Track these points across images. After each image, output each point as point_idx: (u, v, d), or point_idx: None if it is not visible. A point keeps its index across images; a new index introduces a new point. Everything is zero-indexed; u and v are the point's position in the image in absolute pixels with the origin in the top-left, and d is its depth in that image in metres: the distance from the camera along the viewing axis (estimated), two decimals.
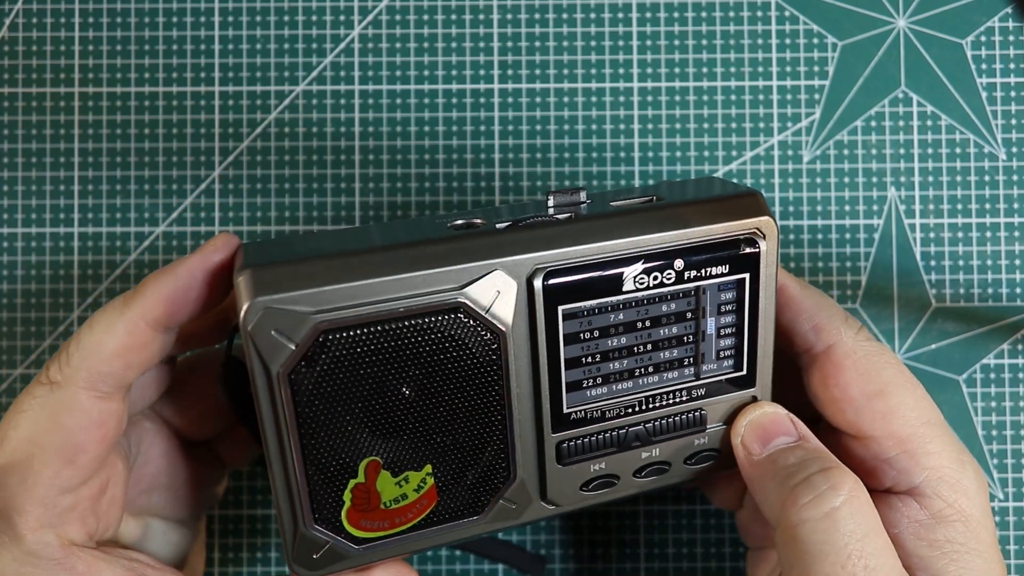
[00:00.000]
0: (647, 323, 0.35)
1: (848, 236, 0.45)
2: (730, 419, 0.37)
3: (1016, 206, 0.44)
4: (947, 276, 0.45)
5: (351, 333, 0.30)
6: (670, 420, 0.36)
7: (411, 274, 0.31)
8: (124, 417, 0.34)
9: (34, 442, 0.32)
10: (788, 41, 0.45)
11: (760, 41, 0.45)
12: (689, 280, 0.34)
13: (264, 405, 0.31)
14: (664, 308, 0.35)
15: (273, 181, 0.45)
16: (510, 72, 0.45)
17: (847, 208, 0.45)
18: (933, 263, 0.45)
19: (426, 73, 0.45)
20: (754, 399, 0.37)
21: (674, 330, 0.35)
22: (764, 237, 0.35)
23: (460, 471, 0.34)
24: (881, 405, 0.35)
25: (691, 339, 0.35)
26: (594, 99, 0.45)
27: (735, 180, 0.45)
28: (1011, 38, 0.45)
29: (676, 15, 0.45)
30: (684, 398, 0.36)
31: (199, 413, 0.38)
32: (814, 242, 0.45)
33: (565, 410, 0.35)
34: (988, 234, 0.44)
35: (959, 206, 0.45)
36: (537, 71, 0.45)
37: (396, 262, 0.31)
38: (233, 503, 0.45)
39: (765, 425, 0.36)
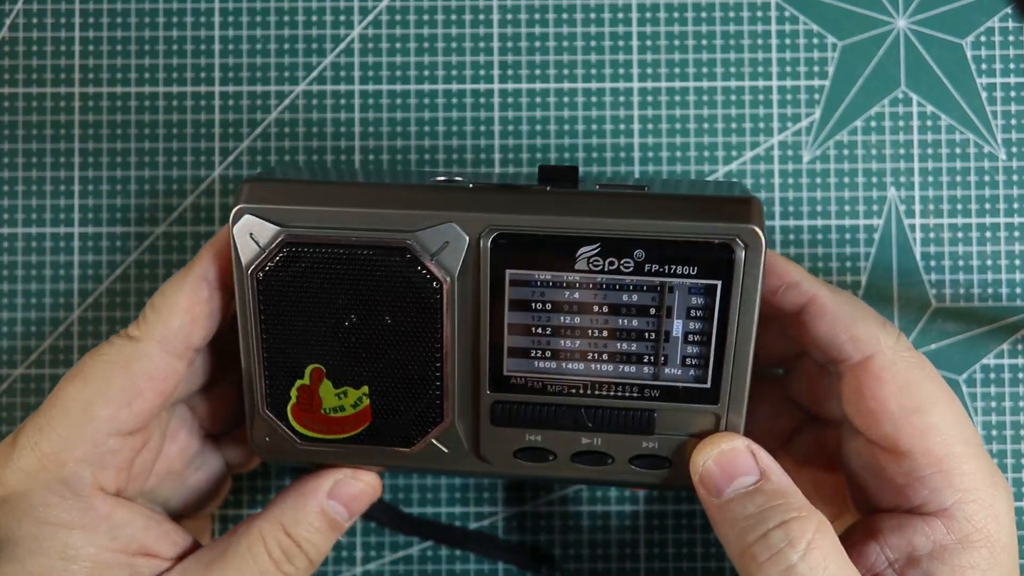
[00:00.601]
0: (604, 308, 0.35)
1: (848, 236, 0.45)
2: (688, 447, 0.36)
3: (1016, 206, 0.44)
4: (947, 276, 0.45)
5: (309, 249, 0.34)
6: (616, 413, 0.36)
7: (371, 210, 0.34)
8: (181, 383, 0.37)
9: (104, 380, 0.35)
10: (788, 41, 0.45)
11: (760, 41, 0.45)
12: (651, 273, 0.34)
13: (239, 296, 0.35)
14: (625, 298, 0.34)
15: None
16: (510, 72, 0.45)
17: (847, 208, 0.45)
18: (933, 263, 0.45)
19: (426, 73, 0.45)
20: (716, 418, 0.36)
21: (635, 323, 0.35)
22: (745, 246, 0.33)
23: (394, 400, 0.36)
24: (919, 421, 0.34)
25: (653, 336, 0.35)
26: (594, 99, 0.45)
27: (736, 180, 0.45)
28: (1011, 38, 0.45)
29: (676, 15, 0.45)
30: (635, 395, 0.36)
31: (225, 409, 0.41)
32: (814, 242, 0.45)
33: (505, 372, 0.36)
34: (988, 234, 0.45)
35: (959, 206, 0.45)
36: (537, 71, 0.45)
37: (363, 198, 0.35)
38: (233, 503, 0.45)
39: (724, 464, 0.35)
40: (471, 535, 0.44)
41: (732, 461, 0.35)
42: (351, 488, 0.37)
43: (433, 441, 0.37)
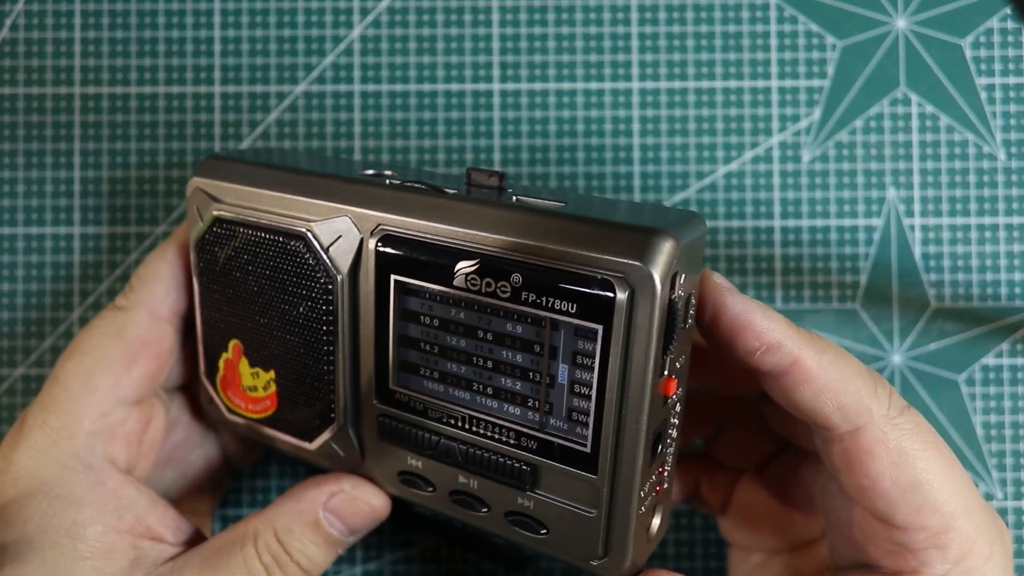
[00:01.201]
0: (488, 336, 0.31)
1: (848, 236, 0.45)
2: (566, 519, 0.31)
3: (1015, 206, 0.45)
4: (947, 276, 0.45)
5: (233, 228, 0.35)
6: (491, 458, 0.32)
7: (279, 194, 0.34)
8: (176, 347, 0.38)
9: (101, 351, 0.36)
10: (788, 41, 0.45)
11: (760, 41, 0.45)
12: (528, 304, 0.29)
13: (193, 267, 0.37)
14: (508, 327, 0.30)
15: None
16: (510, 72, 0.45)
17: (847, 208, 0.45)
18: (933, 263, 0.45)
19: (426, 73, 0.45)
20: (596, 492, 0.30)
21: (519, 359, 0.30)
22: (631, 289, 0.28)
23: (296, 392, 0.36)
24: (916, 499, 0.31)
25: (537, 378, 0.30)
26: (594, 99, 0.45)
27: (737, 182, 0.45)
28: (1011, 38, 0.45)
29: (676, 15, 0.45)
30: (513, 442, 0.31)
31: None
32: (814, 242, 0.45)
33: (391, 386, 0.33)
34: (988, 234, 0.45)
35: (959, 206, 0.45)
36: (537, 71, 0.45)
37: (279, 182, 0.35)
38: (233, 503, 0.45)
39: None
40: (453, 529, 0.44)
41: None
42: (350, 505, 0.36)
43: (330, 442, 0.36)
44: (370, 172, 0.35)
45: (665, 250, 0.28)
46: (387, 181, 0.34)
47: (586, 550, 0.31)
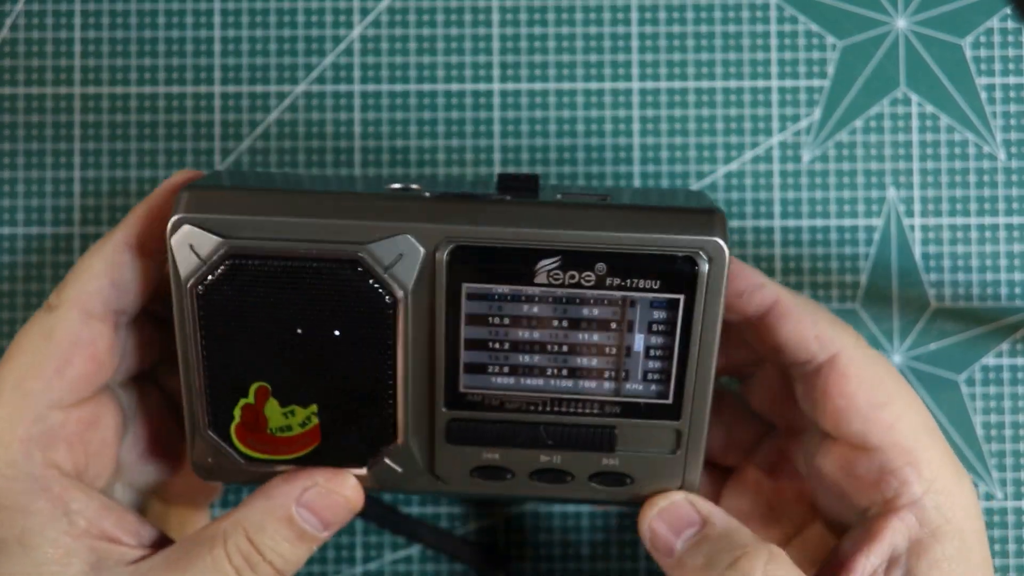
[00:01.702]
0: (564, 323, 0.33)
1: (848, 236, 0.45)
2: (649, 463, 0.35)
3: (1016, 206, 0.45)
4: (947, 276, 0.45)
5: (254, 262, 0.32)
6: (576, 430, 0.35)
7: (320, 220, 0.32)
8: (116, 345, 0.36)
9: (31, 354, 0.34)
10: (788, 41, 0.45)
11: (760, 41, 0.45)
12: (612, 287, 0.33)
13: (176, 311, 0.34)
14: (585, 312, 0.33)
15: None
16: (510, 72, 0.45)
17: (847, 208, 0.45)
18: (933, 263, 0.45)
19: (426, 73, 0.45)
20: (677, 434, 0.35)
21: (595, 338, 0.34)
22: (709, 260, 0.32)
23: (344, 420, 0.35)
24: (887, 415, 0.35)
25: (614, 351, 0.34)
26: (594, 99, 0.45)
27: (737, 182, 0.45)
28: (1011, 38, 0.45)
29: (676, 15, 0.45)
30: (596, 411, 0.35)
31: None
32: (814, 242, 0.45)
33: (461, 389, 0.34)
34: (988, 234, 0.45)
35: (959, 206, 0.45)
36: (537, 71, 0.45)
37: (312, 207, 0.33)
38: (234, 503, 0.45)
39: (668, 521, 0.35)
40: (425, 528, 0.44)
41: (674, 516, 0.35)
42: (324, 498, 0.35)
43: (386, 460, 0.35)
44: (397, 186, 0.34)
45: (725, 224, 0.33)
46: (427, 194, 0.33)
47: (668, 486, 0.36)
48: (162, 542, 0.36)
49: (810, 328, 0.35)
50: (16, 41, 0.45)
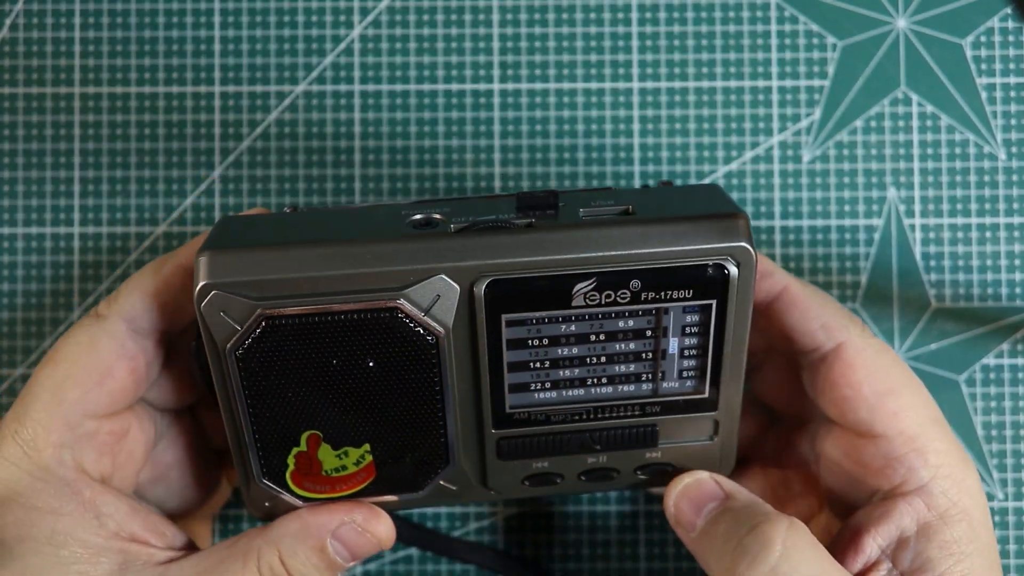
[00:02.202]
0: (601, 336, 0.34)
1: (848, 236, 0.45)
2: (689, 449, 0.37)
3: (1016, 206, 0.45)
4: (947, 276, 0.45)
5: (292, 320, 0.32)
6: (621, 432, 0.36)
7: (353, 271, 0.32)
8: (155, 363, 0.36)
9: (73, 362, 0.35)
10: (788, 41, 0.45)
11: (760, 41, 0.45)
12: (647, 301, 0.33)
13: (216, 376, 0.34)
14: (621, 324, 0.34)
15: (273, 182, 0.45)
16: (510, 72, 0.45)
17: (847, 208, 0.45)
18: (933, 263, 0.45)
19: (426, 73, 0.45)
20: (714, 422, 0.36)
21: (631, 346, 0.35)
22: (738, 264, 0.33)
23: (397, 453, 0.35)
24: (893, 404, 0.35)
25: (650, 356, 0.35)
26: (594, 99, 0.45)
27: (737, 182, 0.45)
28: (1011, 38, 0.45)
29: (676, 15, 0.45)
30: (637, 413, 0.36)
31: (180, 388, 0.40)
32: (814, 242, 0.45)
33: (508, 410, 0.35)
34: (988, 234, 0.45)
35: (959, 206, 0.45)
36: (537, 71, 0.45)
37: (342, 258, 0.32)
38: (234, 503, 0.45)
39: (692, 497, 0.36)
40: (462, 544, 0.44)
41: (698, 493, 0.36)
42: (359, 537, 0.36)
43: (441, 482, 0.37)
44: (419, 217, 0.34)
45: (749, 226, 0.33)
46: (451, 227, 0.33)
47: (708, 470, 0.38)
48: (189, 546, 0.37)
49: (817, 317, 0.36)
50: (16, 41, 0.45)
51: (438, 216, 0.34)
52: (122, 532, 0.35)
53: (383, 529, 0.37)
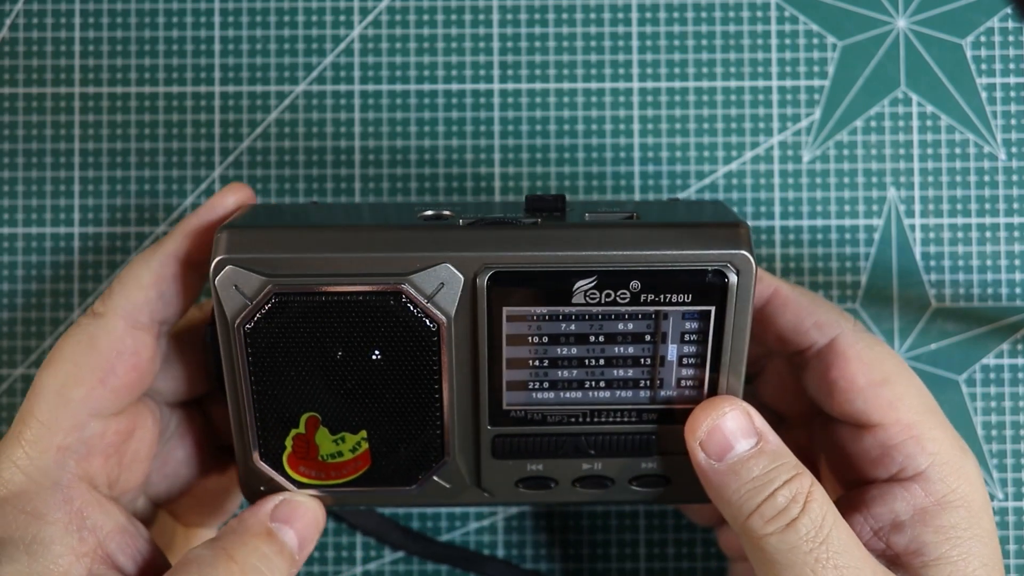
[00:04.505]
0: (600, 338, 0.35)
1: (848, 236, 0.45)
2: (685, 463, 0.36)
3: (1016, 206, 0.45)
4: (947, 276, 0.45)
5: (300, 298, 0.33)
6: (616, 438, 0.36)
7: (362, 254, 0.33)
8: (157, 357, 0.36)
9: (74, 361, 0.35)
10: (788, 41, 0.45)
11: (760, 41, 0.45)
12: (646, 303, 0.34)
13: (223, 349, 0.34)
14: (620, 327, 0.35)
15: (273, 181, 0.45)
16: (510, 72, 0.45)
17: (847, 208, 0.45)
18: (933, 263, 0.45)
19: (426, 73, 0.45)
20: None
21: (631, 350, 0.35)
22: (737, 272, 0.34)
23: (393, 442, 0.36)
24: (888, 393, 0.35)
25: (648, 362, 0.35)
26: (594, 99, 0.45)
27: (737, 182, 0.45)
28: (1011, 38, 0.45)
29: (676, 15, 0.45)
30: (634, 419, 0.36)
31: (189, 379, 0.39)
32: (814, 242, 0.45)
33: (504, 407, 0.36)
34: (988, 234, 0.45)
35: (959, 206, 0.45)
36: (537, 71, 0.45)
37: (352, 241, 0.33)
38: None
39: (725, 429, 0.35)
40: (486, 560, 0.44)
41: (734, 425, 0.35)
42: (294, 509, 0.36)
43: (434, 478, 0.37)
44: (430, 213, 0.35)
45: (750, 235, 0.34)
46: (460, 221, 0.34)
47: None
48: (162, 569, 0.36)
49: (809, 316, 0.37)
50: (16, 41, 0.45)
51: (448, 212, 0.35)
52: (99, 551, 0.34)
53: (308, 499, 0.36)
